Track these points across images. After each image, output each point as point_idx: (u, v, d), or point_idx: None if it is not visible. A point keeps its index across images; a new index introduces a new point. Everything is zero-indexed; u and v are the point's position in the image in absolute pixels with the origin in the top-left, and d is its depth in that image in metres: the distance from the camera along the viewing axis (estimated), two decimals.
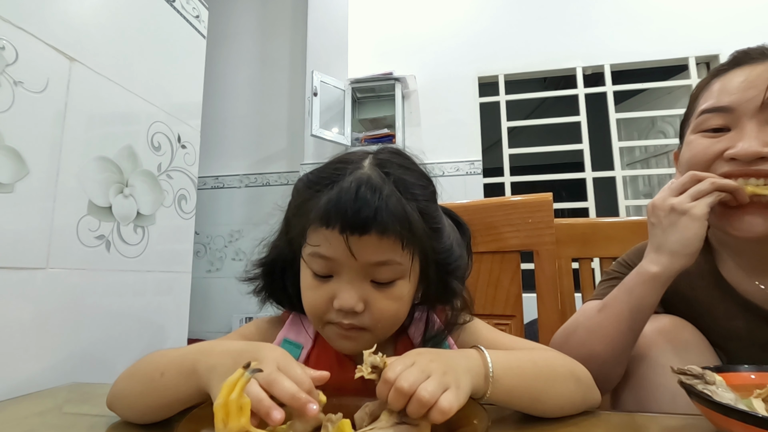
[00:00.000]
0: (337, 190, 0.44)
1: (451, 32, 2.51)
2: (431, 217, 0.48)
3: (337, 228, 0.43)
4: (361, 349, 0.42)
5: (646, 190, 2.62)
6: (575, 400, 0.47)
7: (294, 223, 0.50)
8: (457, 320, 0.53)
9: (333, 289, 0.45)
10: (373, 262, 0.44)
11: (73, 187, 0.91)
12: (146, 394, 0.44)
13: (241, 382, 0.35)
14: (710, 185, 0.50)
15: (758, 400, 0.39)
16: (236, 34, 2.83)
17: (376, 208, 0.42)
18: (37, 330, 0.83)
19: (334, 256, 0.44)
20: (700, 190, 0.50)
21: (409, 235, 0.44)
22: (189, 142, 1.28)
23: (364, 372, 0.36)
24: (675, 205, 0.51)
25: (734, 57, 0.57)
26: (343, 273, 0.45)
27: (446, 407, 0.33)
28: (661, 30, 2.31)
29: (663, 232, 0.52)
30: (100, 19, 1.01)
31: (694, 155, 0.56)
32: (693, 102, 0.61)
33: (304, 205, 0.47)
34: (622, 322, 0.53)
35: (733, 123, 0.53)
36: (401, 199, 0.44)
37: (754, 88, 0.51)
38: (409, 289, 0.48)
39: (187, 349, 0.44)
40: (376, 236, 0.43)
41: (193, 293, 1.29)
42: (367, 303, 0.45)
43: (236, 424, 0.33)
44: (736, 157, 0.51)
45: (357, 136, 2.36)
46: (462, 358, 0.41)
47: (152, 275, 1.12)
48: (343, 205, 0.42)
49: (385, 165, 0.46)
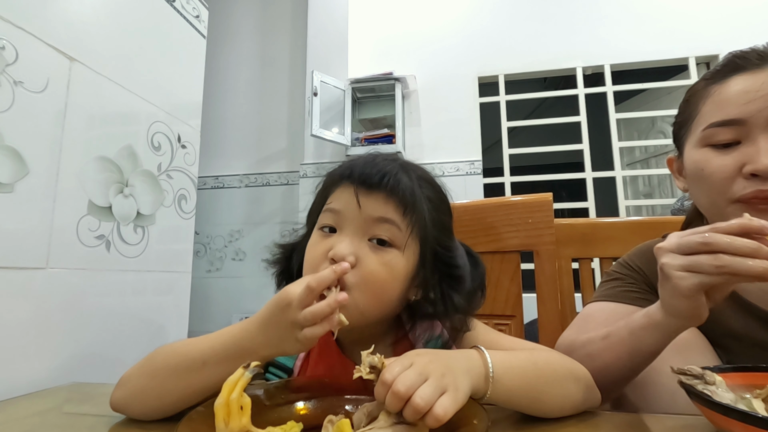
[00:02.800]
0: (360, 157, 0.52)
1: (451, 32, 2.51)
2: (440, 211, 0.53)
3: (351, 180, 0.49)
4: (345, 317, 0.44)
5: (646, 190, 2.62)
6: (575, 400, 0.47)
7: (318, 198, 0.55)
8: (460, 327, 0.53)
9: (332, 242, 0.48)
10: (375, 217, 0.48)
11: (73, 187, 0.91)
12: (183, 387, 0.44)
13: (242, 382, 0.35)
14: (714, 268, 0.40)
15: (758, 400, 0.39)
16: (236, 34, 2.83)
17: (387, 172, 0.49)
18: (37, 330, 0.83)
19: (341, 208, 0.49)
20: (699, 263, 0.41)
21: (412, 204, 0.49)
22: (189, 142, 1.29)
23: (362, 372, 0.36)
24: (663, 265, 0.44)
25: (731, 61, 0.55)
26: (345, 227, 0.49)
27: (440, 414, 0.33)
28: (661, 30, 2.31)
29: (660, 285, 0.46)
30: (100, 18, 1.01)
31: (711, 174, 0.53)
32: (687, 106, 0.60)
33: (330, 178, 0.54)
34: (622, 359, 0.50)
35: (744, 136, 0.52)
36: (413, 180, 0.50)
37: (762, 98, 0.50)
38: (402, 265, 0.49)
39: (217, 337, 0.45)
40: (382, 195, 0.48)
41: (193, 293, 1.29)
42: (359, 260, 0.47)
43: (237, 424, 0.33)
44: (757, 173, 0.49)
45: (357, 136, 2.36)
46: (462, 358, 0.41)
47: (152, 275, 1.12)
48: (361, 164, 0.50)
49: (408, 167, 0.52)
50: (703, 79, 0.59)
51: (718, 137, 0.53)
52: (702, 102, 0.57)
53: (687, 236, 0.42)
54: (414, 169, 0.53)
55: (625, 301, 0.61)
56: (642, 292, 0.62)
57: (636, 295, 0.61)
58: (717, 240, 0.40)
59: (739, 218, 0.41)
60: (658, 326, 0.46)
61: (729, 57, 0.56)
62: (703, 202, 0.58)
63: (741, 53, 0.55)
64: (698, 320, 0.43)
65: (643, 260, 0.64)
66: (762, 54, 0.53)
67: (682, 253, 0.42)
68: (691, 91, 0.60)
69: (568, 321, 0.83)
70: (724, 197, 0.53)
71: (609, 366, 0.50)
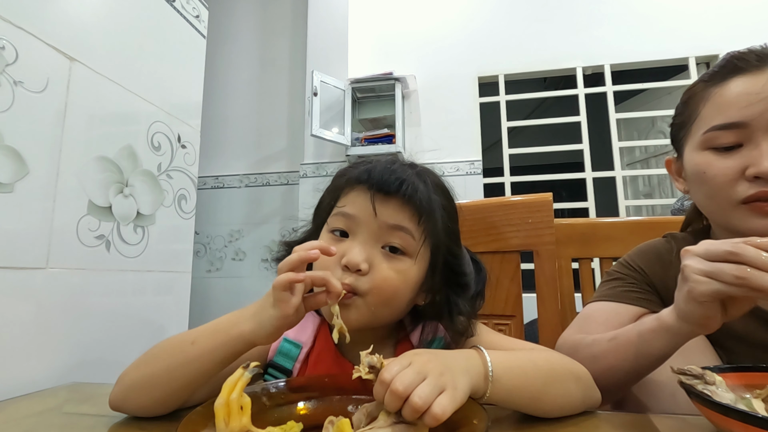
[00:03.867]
0: (376, 161, 0.51)
1: (451, 32, 2.51)
2: (451, 218, 0.53)
3: (367, 185, 0.48)
4: (355, 321, 0.45)
5: (646, 190, 2.62)
6: (575, 399, 0.47)
7: (327, 197, 0.54)
8: (463, 331, 0.53)
9: (345, 248, 0.48)
10: (390, 224, 0.48)
11: (73, 187, 0.91)
12: (174, 369, 0.45)
13: (242, 382, 0.35)
14: (735, 278, 0.39)
15: (758, 400, 0.39)
16: (236, 34, 2.83)
17: (405, 178, 0.48)
18: (37, 330, 0.83)
19: (356, 213, 0.48)
20: (721, 271, 0.40)
21: (427, 213, 0.49)
22: (189, 142, 1.28)
23: (361, 372, 0.36)
24: (685, 267, 0.43)
25: (730, 62, 0.55)
26: (359, 233, 0.48)
27: (439, 413, 0.33)
28: (661, 30, 2.31)
29: (677, 287, 0.45)
30: (100, 18, 1.01)
31: (714, 177, 0.53)
32: (686, 108, 0.60)
33: (340, 178, 0.53)
34: (627, 361, 0.50)
35: (746, 138, 0.52)
36: (429, 187, 0.50)
37: (763, 101, 0.50)
38: (414, 273, 0.49)
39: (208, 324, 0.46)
40: (399, 201, 0.48)
41: (193, 293, 1.29)
42: (372, 267, 0.47)
43: (237, 424, 0.33)
44: (761, 175, 0.49)
45: (357, 136, 2.36)
46: (461, 358, 0.41)
47: (152, 275, 1.12)
48: (379, 169, 0.49)
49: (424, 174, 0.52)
50: (702, 80, 0.58)
51: (720, 140, 0.53)
52: (701, 104, 0.57)
53: (717, 244, 0.41)
54: (430, 176, 0.52)
55: (625, 301, 0.61)
56: (643, 292, 0.62)
57: (637, 295, 0.61)
58: (745, 252, 0.39)
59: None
60: (669, 330, 0.46)
61: (727, 58, 0.56)
62: (706, 204, 0.58)
63: (739, 54, 0.55)
64: (708, 329, 0.43)
65: (644, 260, 0.64)
66: (760, 55, 0.53)
67: (708, 258, 0.41)
68: (689, 93, 0.60)
69: (568, 321, 0.82)
70: (728, 200, 0.53)
71: (613, 367, 0.50)
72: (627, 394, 0.57)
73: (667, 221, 0.86)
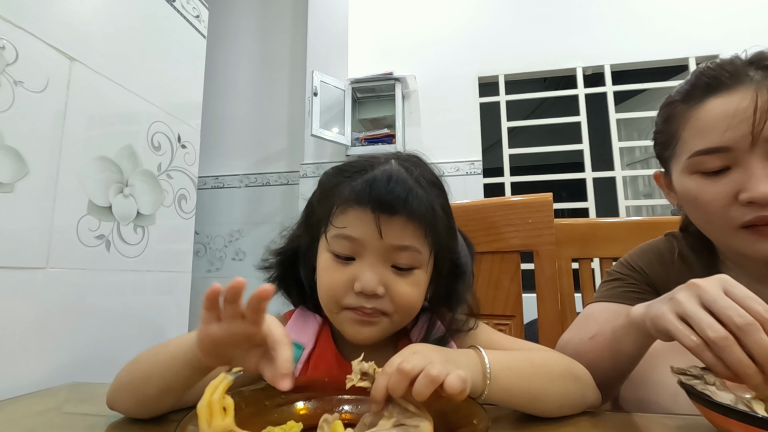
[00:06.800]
0: (371, 174, 0.47)
1: (451, 32, 2.51)
2: (449, 215, 0.52)
3: (370, 206, 0.45)
4: (377, 337, 0.45)
5: (646, 191, 2.61)
6: (574, 399, 0.47)
7: (318, 208, 0.51)
8: (461, 327, 0.53)
9: (353, 272, 0.47)
10: (396, 245, 0.46)
11: (73, 186, 0.91)
12: (149, 376, 0.44)
13: (224, 384, 0.36)
14: (705, 338, 0.37)
15: (757, 400, 0.39)
16: (236, 34, 2.83)
17: (408, 193, 0.45)
18: (37, 330, 0.83)
19: (360, 236, 0.46)
20: (699, 322, 0.37)
21: (432, 225, 0.47)
22: (189, 142, 1.29)
23: (354, 381, 0.36)
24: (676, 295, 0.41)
25: (700, 80, 0.54)
26: (366, 255, 0.47)
27: (457, 383, 0.33)
28: (661, 30, 2.31)
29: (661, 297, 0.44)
30: (100, 18, 1.01)
31: (707, 203, 0.53)
32: (667, 127, 0.58)
33: (332, 189, 0.49)
34: (604, 359, 0.50)
35: (733, 161, 0.51)
36: (428, 191, 0.48)
37: (743, 123, 0.49)
38: (425, 279, 0.50)
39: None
40: (403, 219, 0.45)
41: (193, 293, 1.29)
42: (387, 287, 0.46)
43: (220, 424, 0.33)
44: (754, 201, 0.48)
45: (357, 136, 2.36)
46: (460, 356, 0.41)
47: (152, 275, 1.12)
48: (379, 186, 0.45)
49: (420, 178, 0.49)
50: (678, 100, 0.57)
51: (707, 165, 0.52)
52: (681, 127, 0.56)
53: (724, 299, 0.37)
54: (425, 175, 0.50)
55: (626, 302, 0.61)
56: (643, 293, 0.61)
57: (637, 295, 0.61)
58: (735, 322, 0.36)
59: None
60: (635, 326, 0.45)
61: (698, 74, 0.54)
62: (705, 228, 0.57)
63: (709, 70, 0.53)
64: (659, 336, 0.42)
65: (645, 260, 0.64)
66: (731, 71, 0.52)
67: (702, 301, 0.39)
68: (667, 112, 0.59)
69: (568, 321, 0.83)
70: (727, 225, 0.52)
71: (593, 365, 0.50)
72: (627, 395, 0.57)
73: (667, 221, 0.86)
